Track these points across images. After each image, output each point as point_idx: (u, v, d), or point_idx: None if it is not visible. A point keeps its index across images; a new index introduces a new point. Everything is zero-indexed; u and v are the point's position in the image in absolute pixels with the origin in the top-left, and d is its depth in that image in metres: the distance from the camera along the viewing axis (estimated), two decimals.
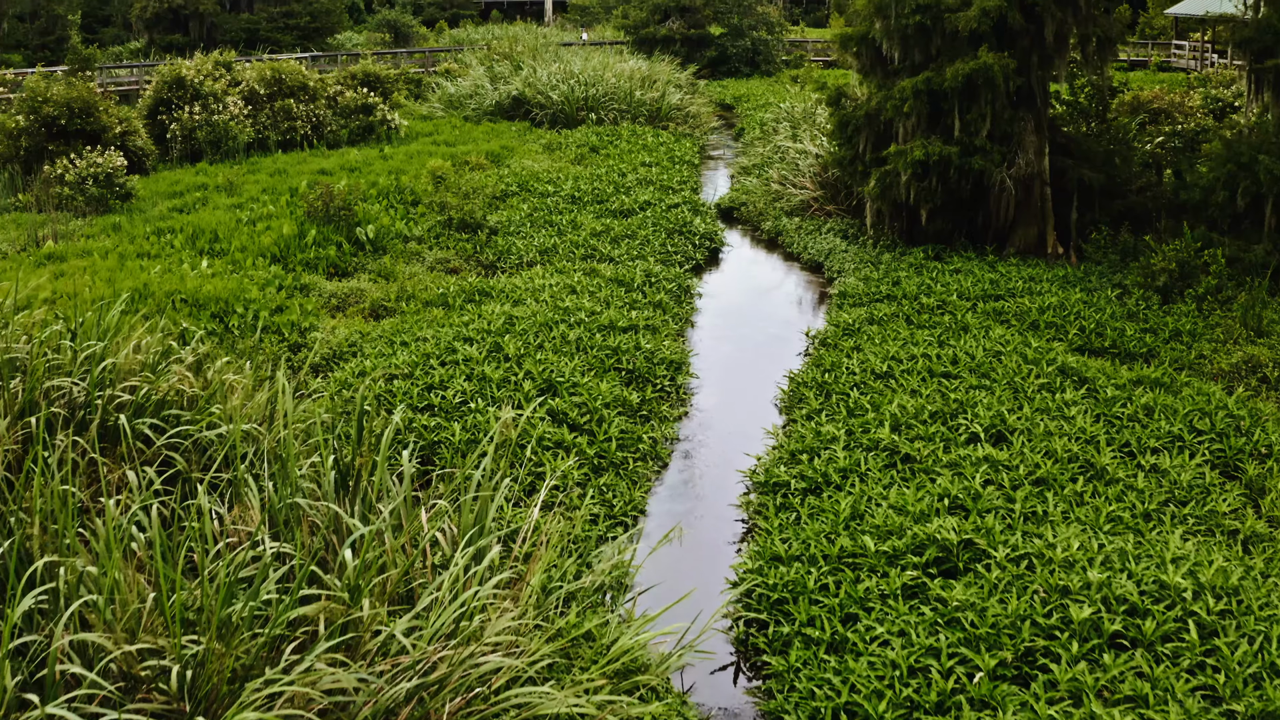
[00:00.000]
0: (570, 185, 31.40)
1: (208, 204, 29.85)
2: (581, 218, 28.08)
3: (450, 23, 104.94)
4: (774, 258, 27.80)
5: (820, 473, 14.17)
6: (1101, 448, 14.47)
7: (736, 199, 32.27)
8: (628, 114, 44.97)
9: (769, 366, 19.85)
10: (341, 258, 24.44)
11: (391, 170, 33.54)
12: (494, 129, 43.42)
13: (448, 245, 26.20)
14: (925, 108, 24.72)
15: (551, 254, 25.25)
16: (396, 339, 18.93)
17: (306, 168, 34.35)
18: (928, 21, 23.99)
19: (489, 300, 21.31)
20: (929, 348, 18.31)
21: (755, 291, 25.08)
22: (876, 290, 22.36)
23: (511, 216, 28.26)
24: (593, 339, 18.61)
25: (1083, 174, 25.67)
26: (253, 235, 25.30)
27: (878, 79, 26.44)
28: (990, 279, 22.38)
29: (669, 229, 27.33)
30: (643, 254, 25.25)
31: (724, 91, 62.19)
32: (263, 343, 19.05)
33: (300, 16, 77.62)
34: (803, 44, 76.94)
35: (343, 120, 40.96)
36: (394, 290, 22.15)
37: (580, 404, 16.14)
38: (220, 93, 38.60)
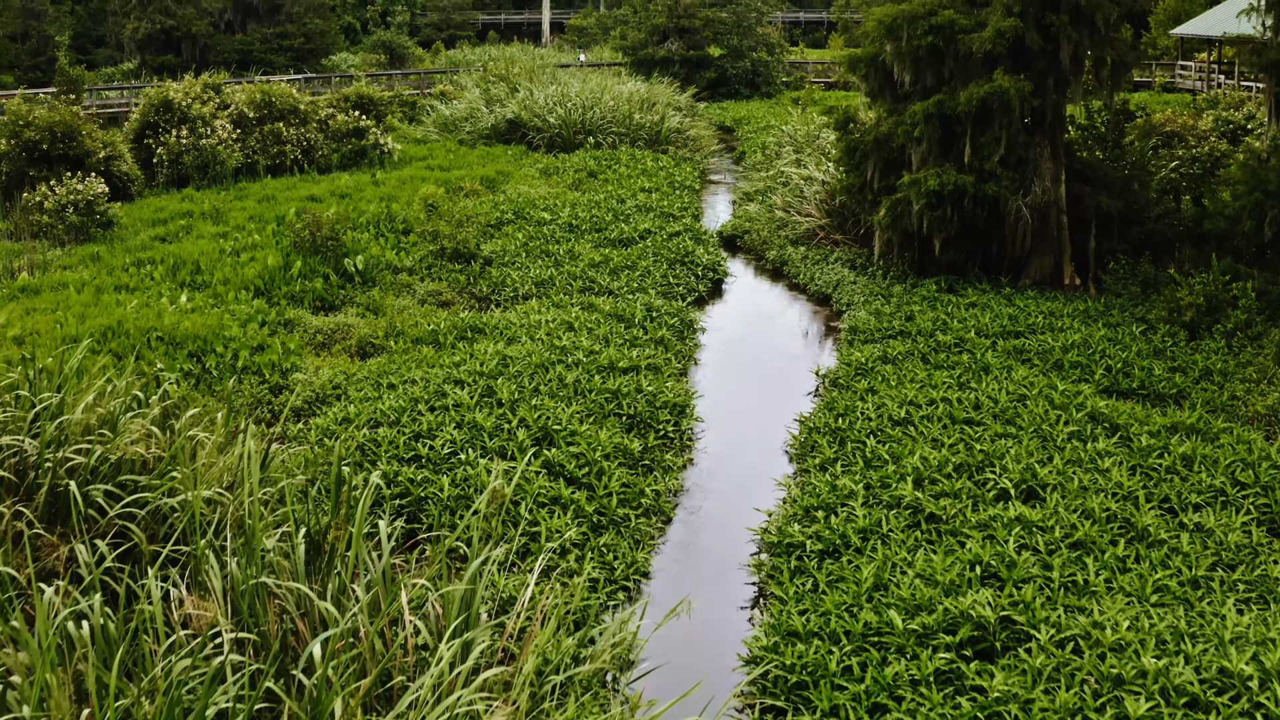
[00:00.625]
0: (568, 212, 30.36)
1: (192, 232, 28.79)
2: (579, 247, 27.03)
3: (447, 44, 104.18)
4: (779, 289, 26.75)
5: (838, 533, 13.07)
6: (1141, 505, 13.40)
7: (739, 226, 31.22)
8: (626, 137, 43.97)
9: (777, 407, 18.79)
10: (329, 290, 23.38)
11: (383, 197, 32.49)
12: (489, 153, 42.40)
13: (440, 276, 25.14)
14: (937, 132, 23.70)
15: (548, 286, 24.19)
16: (383, 380, 17.85)
17: (295, 194, 33.30)
18: (940, 43, 22.98)
19: (482, 338, 20.24)
20: (949, 391, 17.23)
21: (761, 325, 24.02)
22: (889, 325, 21.30)
23: (506, 246, 27.21)
24: (591, 381, 17.53)
25: (1100, 201, 24.65)
26: (236, 267, 24.24)
27: (887, 103, 25.43)
28: (1009, 314, 21.31)
29: (670, 259, 26.28)
30: (643, 286, 24.19)
31: (724, 113, 61.26)
32: (242, 384, 17.99)
33: (294, 38, 76.70)
34: (803, 65, 76.07)
35: (334, 144, 39.93)
36: (382, 326, 21.08)
37: (578, 454, 15.05)
38: (208, 116, 37.57)
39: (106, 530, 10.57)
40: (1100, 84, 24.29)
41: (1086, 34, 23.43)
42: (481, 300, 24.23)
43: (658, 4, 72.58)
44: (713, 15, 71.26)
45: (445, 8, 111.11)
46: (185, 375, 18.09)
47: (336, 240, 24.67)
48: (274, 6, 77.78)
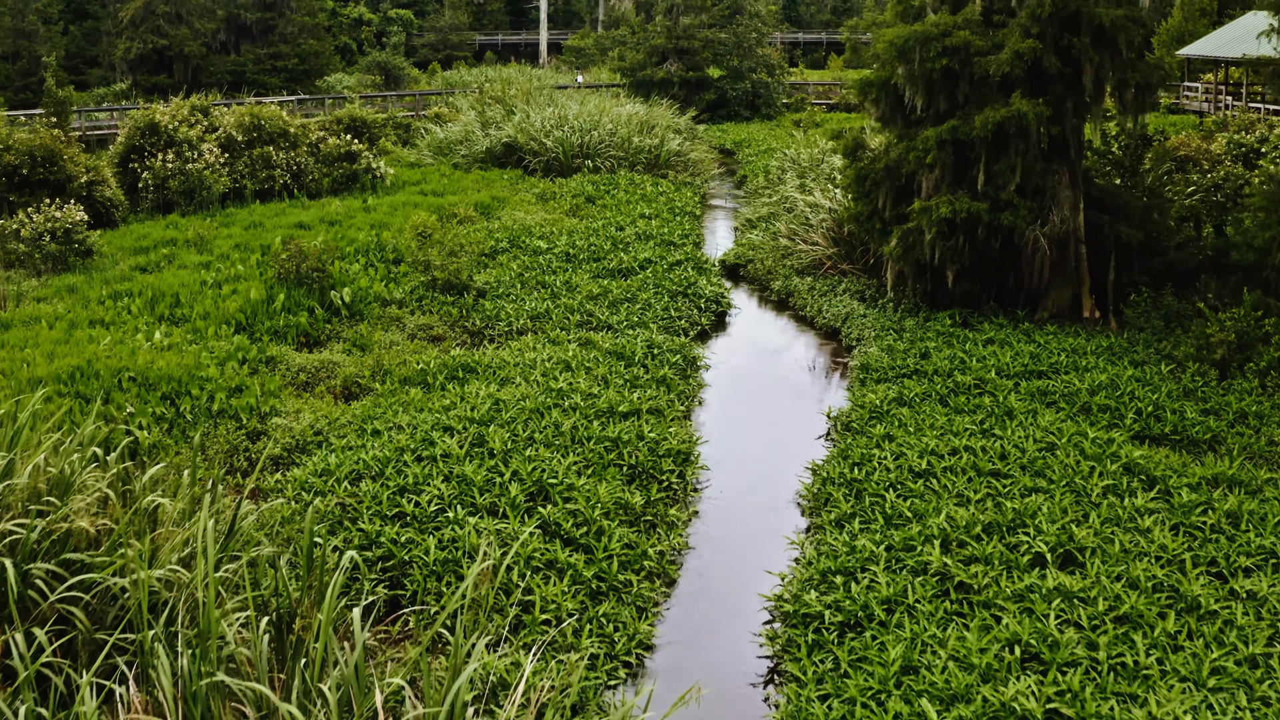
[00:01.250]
0: (564, 241, 29.28)
1: (174, 261, 27.69)
2: (577, 278, 25.94)
3: (444, 64, 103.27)
4: (785, 322, 25.66)
5: (859, 603, 11.94)
6: (1188, 570, 12.30)
7: (742, 255, 30.13)
8: (625, 161, 42.91)
9: (787, 452, 17.71)
10: (314, 324, 22.29)
11: (374, 224, 31.41)
12: (485, 177, 41.32)
13: (431, 309, 24.04)
14: (950, 159, 22.66)
15: (544, 320, 23.10)
16: (368, 426, 16.74)
17: (284, 220, 32.22)
18: (955, 66, 21.93)
19: (473, 378, 19.13)
20: (972, 438, 16.13)
21: (767, 362, 22.92)
22: (903, 364, 20.21)
23: (501, 276, 26.11)
24: (589, 428, 16.42)
25: (1120, 231, 23.56)
26: (218, 300, 23.15)
27: (898, 128, 24.38)
28: (1030, 352, 20.21)
29: (672, 291, 25.18)
30: (643, 320, 23.10)
31: (724, 135, 60.26)
32: (217, 429, 16.88)
33: (288, 58, 75.75)
34: (803, 86, 75.12)
35: (325, 168, 38.86)
36: (369, 364, 19.96)
37: (575, 512, 13.93)
38: (195, 139, 36.50)
39: (49, 615, 9.46)
40: (1124, 108, 23.24)
41: (1109, 56, 22.40)
42: (474, 335, 23.14)
43: (656, 25, 71.70)
44: (712, 36, 70.29)
45: (442, 28, 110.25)
46: (157, 420, 17.01)
47: (323, 271, 23.57)
48: (267, 27, 76.84)
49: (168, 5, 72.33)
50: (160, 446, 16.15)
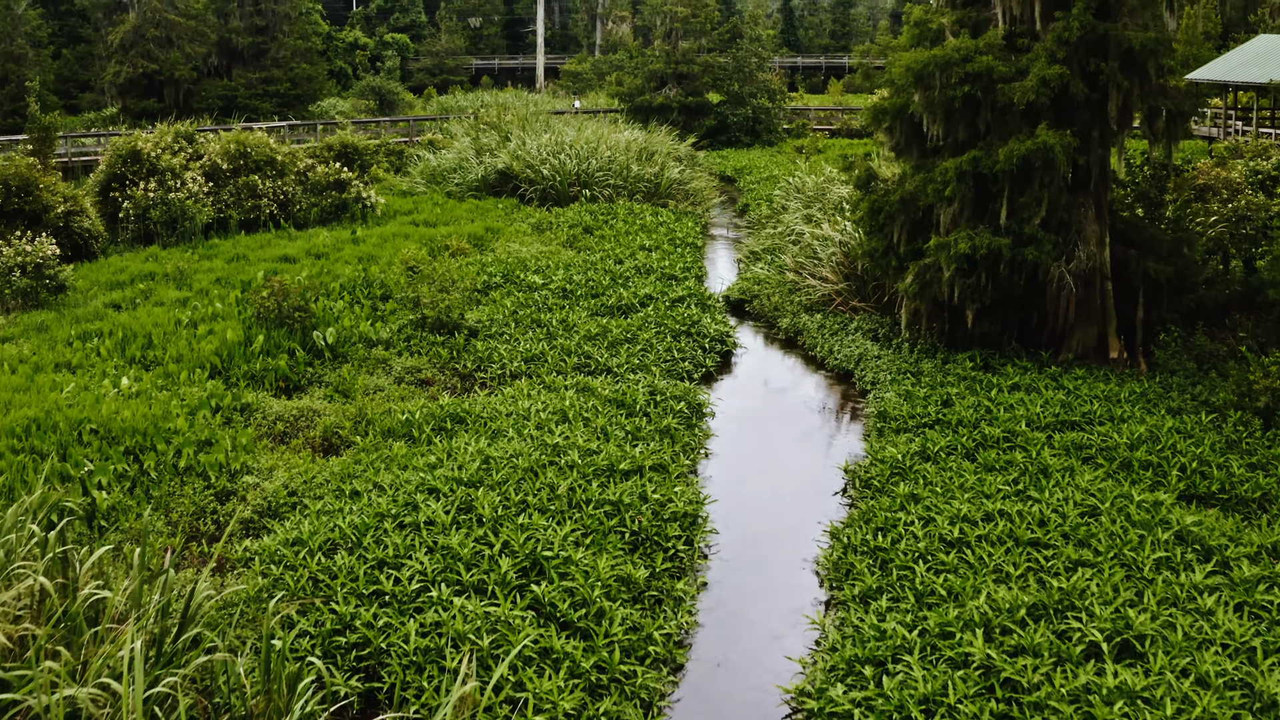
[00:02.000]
0: (561, 275, 27.92)
1: (151, 297, 26.34)
2: (574, 316, 24.58)
3: (440, 89, 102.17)
4: (794, 362, 24.30)
5: (894, 703, 10.55)
6: (1259, 660, 10.90)
7: (748, 290, 28.78)
8: (624, 190, 41.57)
9: (802, 512, 16.36)
10: (294, 368, 20.93)
11: (362, 257, 30.08)
12: (479, 206, 39.97)
13: (419, 350, 22.67)
14: (971, 192, 21.35)
15: (539, 363, 21.74)
16: (346, 487, 15.36)
17: (268, 253, 30.88)
18: (977, 93, 20.63)
19: (462, 430, 17.74)
20: (1006, 501, 14.75)
21: (776, 407, 21.53)
22: (923, 412, 18.84)
23: (494, 314, 24.75)
24: (588, 489, 15.02)
25: (1148, 267, 22.24)
26: (192, 341, 21.79)
27: (913, 158, 23.09)
28: (1060, 400, 18.83)
29: (674, 330, 23.82)
30: (644, 363, 21.74)
31: (724, 162, 58.99)
32: (184, 488, 15.50)
33: (280, 83, 74.49)
34: (804, 112, 73.93)
35: (313, 198, 37.52)
36: (351, 413, 18.57)
37: (572, 590, 12.52)
38: (178, 168, 35.17)
39: None
40: (1154, 137, 21.94)
41: (1138, 82, 21.11)
42: (465, 378, 21.77)
43: (655, 49, 70.57)
44: (712, 61, 69.13)
45: (438, 53, 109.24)
46: (118, 478, 15.65)
47: (305, 311, 22.21)
48: (260, 51, 75.62)
49: (158, 29, 71.07)
50: (120, 509, 14.79)
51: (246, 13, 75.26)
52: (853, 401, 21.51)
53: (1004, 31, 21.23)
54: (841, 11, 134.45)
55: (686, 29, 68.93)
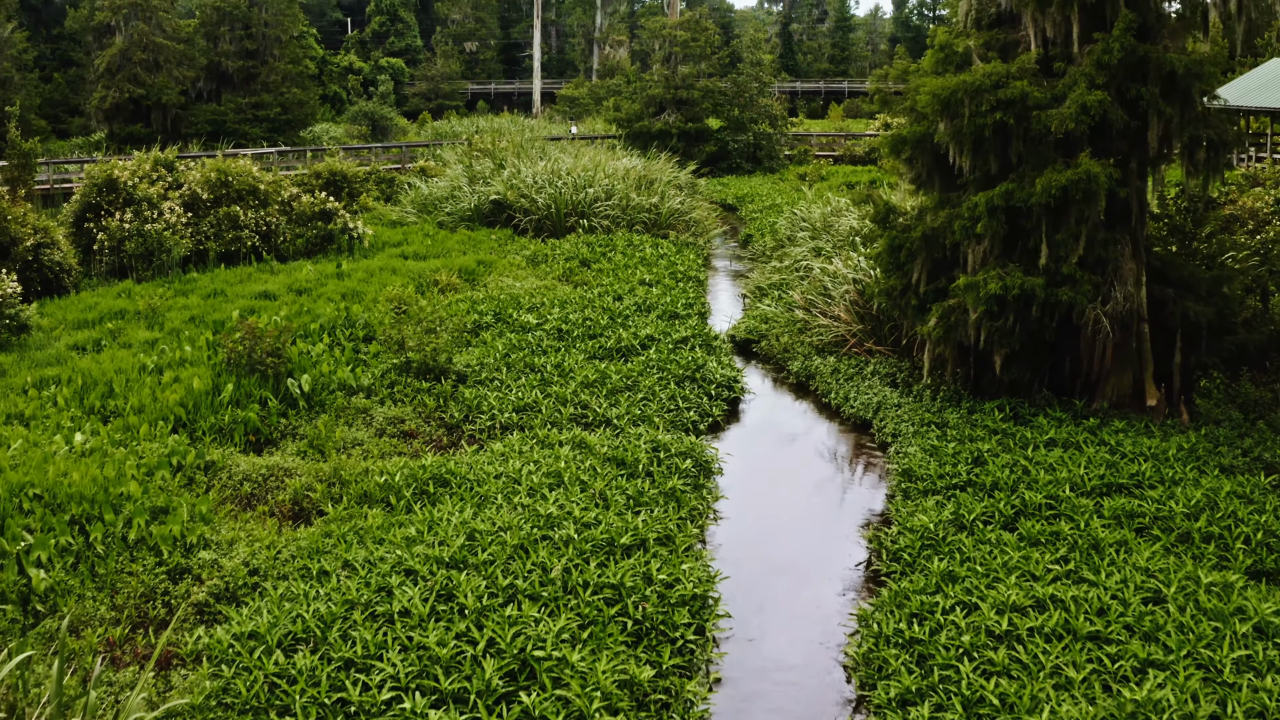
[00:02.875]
0: (557, 314, 26.23)
1: (120, 337, 24.67)
2: (571, 359, 22.91)
3: (435, 114, 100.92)
4: (807, 409, 22.61)
5: None
6: None
7: (754, 329, 27.11)
8: (623, 220, 39.93)
9: (824, 587, 14.69)
10: (266, 419, 19.24)
11: (346, 293, 28.41)
12: (471, 237, 38.30)
13: (403, 398, 20.99)
14: (1003, 228, 19.70)
15: (532, 413, 20.05)
16: (314, 565, 13.65)
17: (247, 289, 29.21)
18: (1010, 121, 18.98)
19: (446, 496, 16.02)
20: (1058, 585, 13.05)
21: (790, 463, 19.82)
22: (953, 471, 17.16)
23: (484, 357, 23.06)
24: (585, 570, 13.30)
25: (1187, 307, 20.57)
26: (157, 390, 20.07)
27: (936, 191, 21.47)
28: (1104, 459, 17.11)
29: (678, 375, 22.15)
30: (646, 413, 20.05)
31: (725, 190, 57.46)
32: (135, 564, 13.80)
33: (270, 108, 72.94)
34: (806, 138, 72.44)
35: (298, 229, 35.85)
36: (325, 472, 16.87)
37: (567, 700, 10.80)
38: (156, 198, 33.52)
39: None
40: (1193, 169, 20.25)
41: (1179, 109, 19.49)
42: (452, 429, 20.08)
43: (653, 74, 69.11)
44: (712, 86, 67.68)
45: (434, 77, 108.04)
46: (61, 553, 13.92)
47: (279, 356, 20.51)
48: (250, 75, 74.11)
49: (145, 53, 69.58)
50: (60, 590, 13.09)
51: (236, 36, 73.79)
52: (872, 456, 19.83)
53: (1038, 55, 19.61)
54: (841, 36, 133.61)
55: (686, 53, 67.49)
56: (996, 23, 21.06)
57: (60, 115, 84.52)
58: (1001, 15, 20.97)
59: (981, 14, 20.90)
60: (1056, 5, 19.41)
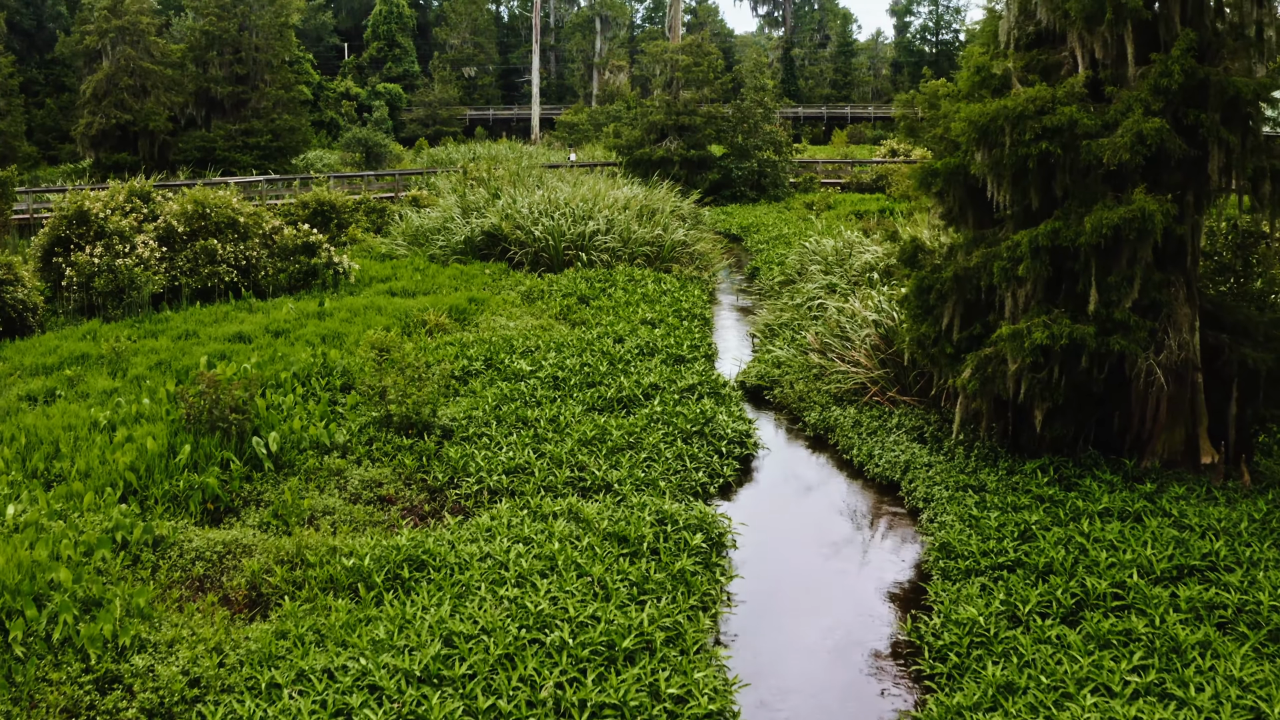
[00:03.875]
0: (553, 359, 24.22)
1: (79, 385, 22.67)
2: (567, 411, 20.91)
3: (432, 140, 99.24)
4: (827, 468, 20.57)
5: None
6: None
7: (766, 374, 25.09)
8: (623, 253, 37.93)
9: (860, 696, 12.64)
10: (228, 484, 17.24)
11: (326, 334, 26.40)
12: (464, 272, 36.26)
13: (382, 457, 18.98)
14: (1046, 270, 17.71)
15: (524, 476, 18.02)
16: (263, 676, 11.61)
17: (221, 330, 27.20)
18: (1057, 151, 17.01)
19: (423, 581, 13.98)
20: (1140, 704, 11.00)
21: (811, 532, 17.72)
22: (999, 548, 15.17)
23: (473, 409, 21.05)
24: (582, 686, 11.26)
25: (1245, 354, 18.56)
26: (107, 450, 18.07)
27: (970, 228, 19.52)
28: (1170, 535, 15.07)
29: (685, 430, 20.14)
30: (650, 477, 18.02)
31: (729, 219, 55.51)
32: (58, 670, 11.79)
33: (261, 135, 71.02)
34: (812, 165, 70.53)
35: (280, 263, 33.85)
36: (288, 551, 14.85)
37: None
38: (129, 231, 31.57)
39: None
40: (1259, 203, 18.26)
41: (1240, 137, 17.52)
42: (434, 494, 18.07)
43: (655, 100, 67.23)
44: (715, 111, 65.79)
45: (431, 103, 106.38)
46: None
47: (242, 413, 18.50)
48: (240, 101, 72.22)
49: (132, 78, 67.76)
50: None
51: (226, 61, 71.92)
52: (903, 523, 17.80)
53: (1085, 78, 17.64)
54: (843, 61, 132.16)
55: (688, 78, 65.65)
56: (1036, 42, 19.12)
57: (50, 141, 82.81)
58: (1041, 34, 19.02)
59: (1019, 32, 18.96)
60: (1107, 24, 17.46)
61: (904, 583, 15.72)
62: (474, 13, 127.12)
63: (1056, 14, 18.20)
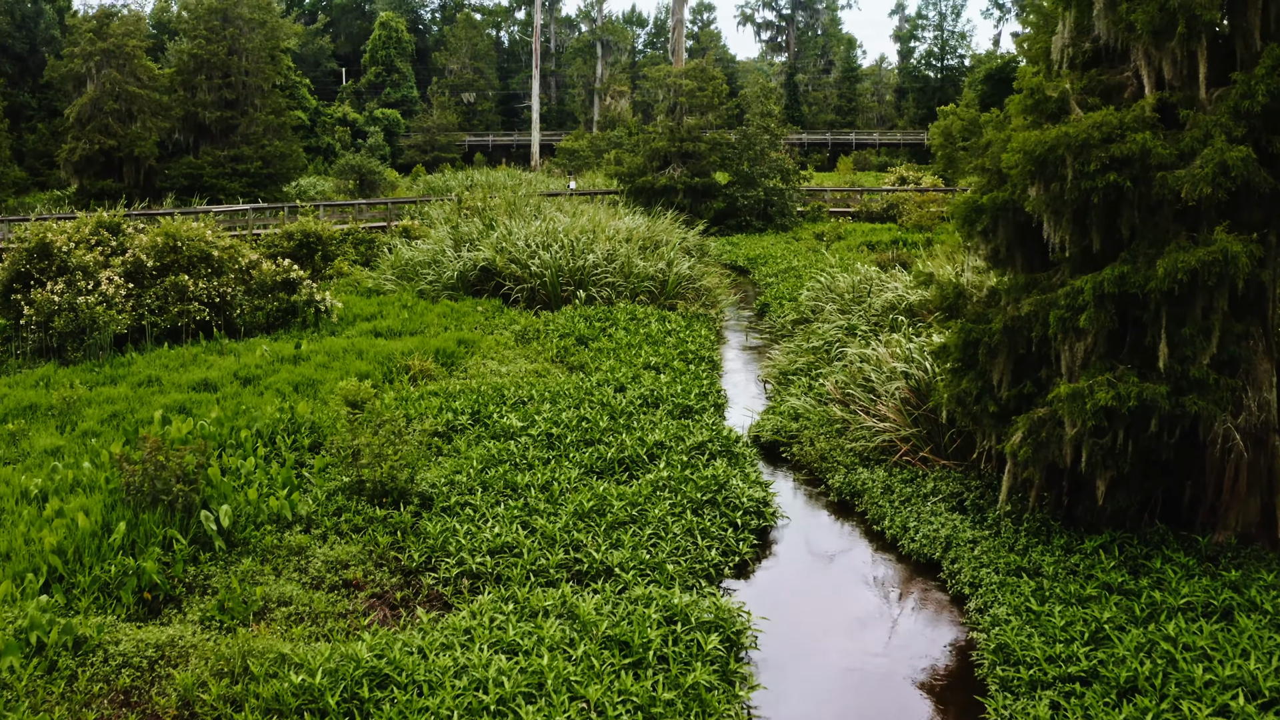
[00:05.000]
0: (548, 412, 21.90)
1: (21, 443, 20.37)
2: (562, 475, 18.58)
3: (430, 166, 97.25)
4: (855, 542, 18.19)
5: None
6: None
7: (782, 427, 22.74)
8: (625, 289, 35.61)
9: None
10: (170, 567, 14.94)
11: (300, 382, 24.10)
12: (454, 309, 33.89)
13: (351, 532, 16.66)
14: (1112, 320, 15.40)
15: (511, 557, 15.66)
16: None
17: (186, 376, 24.90)
18: (1127, 184, 14.73)
19: (386, 703, 11.61)
20: None
21: (841, 626, 15.30)
22: (1067, 653, 12.83)
23: (456, 474, 18.72)
24: None
25: None
26: (34, 527, 15.76)
27: (1019, 271, 17.23)
28: (1272, 641, 12.73)
29: (695, 499, 17.80)
30: (656, 557, 15.67)
31: (735, 250, 53.23)
32: None
33: (250, 161, 68.73)
34: (820, 193, 68.25)
35: (257, 300, 31.59)
36: (230, 659, 12.51)
37: None
38: (93, 266, 29.32)
39: None
40: None
41: None
42: (409, 575, 15.73)
43: (657, 125, 65.03)
44: (719, 138, 63.56)
45: (430, 129, 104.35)
46: None
47: (191, 483, 16.17)
48: (229, 126, 69.94)
49: (117, 102, 65.51)
50: None
51: (215, 85, 69.64)
52: (948, 613, 15.42)
53: (1155, 100, 15.36)
54: (848, 86, 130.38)
55: (692, 103, 63.47)
56: (1093, 60, 16.85)
57: (40, 168, 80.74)
58: (1099, 51, 16.75)
59: (1075, 50, 16.71)
60: (1178, 39, 15.19)
61: (955, 691, 13.35)
62: (474, 38, 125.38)
63: (1118, 28, 15.93)
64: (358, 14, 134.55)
